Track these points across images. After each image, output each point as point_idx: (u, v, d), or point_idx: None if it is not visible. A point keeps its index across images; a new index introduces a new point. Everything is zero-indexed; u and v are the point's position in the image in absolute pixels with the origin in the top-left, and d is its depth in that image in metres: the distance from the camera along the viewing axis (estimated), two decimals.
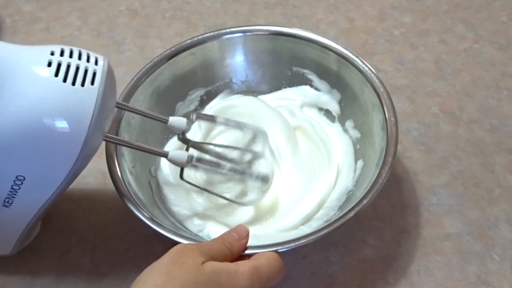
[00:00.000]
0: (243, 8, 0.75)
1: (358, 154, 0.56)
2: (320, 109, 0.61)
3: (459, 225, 0.54)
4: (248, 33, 0.60)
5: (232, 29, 0.59)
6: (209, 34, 0.59)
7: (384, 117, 0.51)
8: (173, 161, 0.48)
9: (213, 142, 0.56)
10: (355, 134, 0.57)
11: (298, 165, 0.56)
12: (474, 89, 0.65)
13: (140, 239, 0.54)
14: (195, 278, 0.38)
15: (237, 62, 0.61)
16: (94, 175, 0.58)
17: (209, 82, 0.61)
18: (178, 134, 0.52)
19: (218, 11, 0.75)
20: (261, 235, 0.50)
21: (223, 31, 0.59)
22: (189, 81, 0.60)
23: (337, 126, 0.59)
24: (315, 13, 0.74)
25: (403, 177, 0.58)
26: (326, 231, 0.45)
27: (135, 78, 0.55)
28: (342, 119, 0.59)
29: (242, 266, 0.41)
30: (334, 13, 0.74)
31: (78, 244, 0.54)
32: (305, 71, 0.60)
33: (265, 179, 0.51)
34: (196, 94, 0.61)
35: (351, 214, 0.46)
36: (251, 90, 0.62)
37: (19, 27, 0.73)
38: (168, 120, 0.50)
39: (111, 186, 0.57)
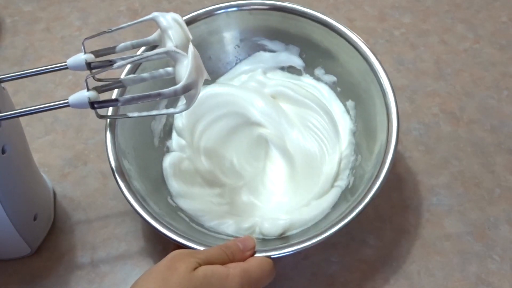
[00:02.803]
0: None
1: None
2: (282, 68, 0.60)
3: (459, 225, 0.54)
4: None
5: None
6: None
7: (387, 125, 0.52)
8: (76, 107, 0.43)
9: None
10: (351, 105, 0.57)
11: (300, 133, 0.56)
12: (474, 89, 0.64)
13: (140, 239, 0.54)
14: (188, 284, 0.39)
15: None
16: (94, 175, 0.58)
17: None
18: (93, 76, 0.45)
19: None
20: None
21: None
22: None
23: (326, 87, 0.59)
24: None
25: (403, 177, 0.58)
26: (316, 239, 0.45)
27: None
28: (342, 98, 0.58)
29: (233, 269, 0.41)
30: (334, 13, 0.73)
31: (78, 244, 0.54)
32: (254, 39, 0.59)
33: (186, 88, 0.44)
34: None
35: (351, 216, 0.46)
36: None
37: (19, 27, 0.73)
38: (66, 66, 0.45)
39: (111, 186, 0.57)
